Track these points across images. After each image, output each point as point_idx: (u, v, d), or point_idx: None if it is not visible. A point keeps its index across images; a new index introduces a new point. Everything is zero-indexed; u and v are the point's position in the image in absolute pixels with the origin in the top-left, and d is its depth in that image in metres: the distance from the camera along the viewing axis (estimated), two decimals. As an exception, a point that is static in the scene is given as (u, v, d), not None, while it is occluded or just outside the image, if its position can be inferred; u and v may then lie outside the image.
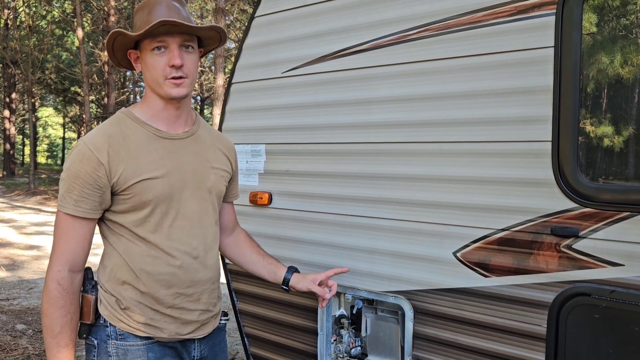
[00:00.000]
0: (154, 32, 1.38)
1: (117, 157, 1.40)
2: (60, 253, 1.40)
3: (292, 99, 2.24)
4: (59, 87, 23.30)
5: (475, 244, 1.77)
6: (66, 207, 1.39)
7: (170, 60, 1.40)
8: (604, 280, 1.55)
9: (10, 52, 18.81)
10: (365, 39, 2.02)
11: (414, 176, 1.91)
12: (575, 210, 1.59)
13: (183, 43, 1.42)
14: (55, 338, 1.38)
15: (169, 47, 1.41)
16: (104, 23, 18.29)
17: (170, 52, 1.40)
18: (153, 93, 1.47)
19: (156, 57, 1.41)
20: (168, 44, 1.40)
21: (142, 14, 1.43)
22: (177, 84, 1.42)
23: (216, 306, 1.61)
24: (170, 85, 1.42)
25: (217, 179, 1.58)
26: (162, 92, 1.43)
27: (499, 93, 1.73)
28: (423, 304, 1.90)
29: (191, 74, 1.45)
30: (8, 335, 4.00)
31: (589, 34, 1.66)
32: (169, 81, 1.41)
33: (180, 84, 1.42)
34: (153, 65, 1.42)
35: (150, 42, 1.41)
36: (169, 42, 1.40)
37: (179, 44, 1.41)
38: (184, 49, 1.43)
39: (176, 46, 1.41)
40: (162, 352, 1.48)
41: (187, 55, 1.43)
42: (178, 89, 1.43)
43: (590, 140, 1.67)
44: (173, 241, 1.46)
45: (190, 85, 1.46)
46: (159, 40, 1.39)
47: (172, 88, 1.42)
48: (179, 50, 1.41)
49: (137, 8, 1.47)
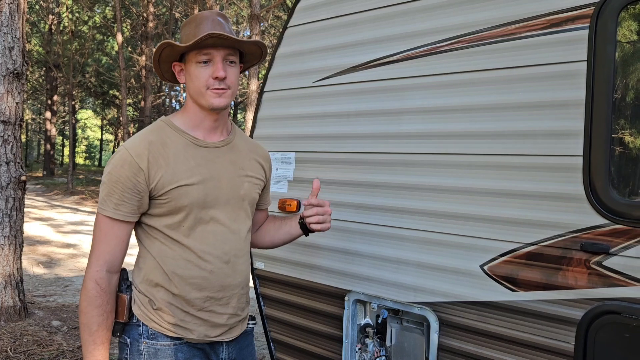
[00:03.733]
0: (201, 45, 1.44)
1: (156, 164, 1.45)
2: (99, 254, 1.46)
3: (322, 108, 2.28)
4: (98, 90, 24.03)
5: (503, 257, 1.76)
6: (106, 210, 1.45)
7: (214, 72, 1.46)
8: (635, 298, 1.52)
9: (53, 56, 19.50)
10: (397, 50, 2.04)
11: (443, 187, 1.91)
12: (606, 227, 1.57)
13: (227, 57, 1.48)
14: (92, 335, 1.44)
15: (213, 59, 1.47)
16: (142, 29, 18.81)
17: (214, 65, 1.47)
18: (194, 104, 1.53)
19: (201, 69, 1.47)
20: (213, 57, 1.47)
21: (189, 28, 1.50)
22: (219, 94, 1.48)
23: (244, 310, 1.65)
24: (212, 95, 1.48)
25: (251, 186, 1.63)
26: (204, 102, 1.49)
27: (531, 106, 1.72)
28: (449, 316, 1.89)
29: (233, 86, 1.51)
30: (44, 331, 4.14)
31: (622, 47, 1.64)
32: (211, 91, 1.47)
33: (222, 94, 1.48)
34: (197, 77, 1.48)
35: (195, 55, 1.47)
36: (214, 55, 1.46)
37: (222, 58, 1.47)
38: (227, 63, 1.49)
39: (220, 59, 1.47)
40: (191, 353, 1.52)
41: (229, 68, 1.49)
42: (220, 99, 1.48)
43: (622, 155, 1.64)
44: (206, 245, 1.51)
45: (231, 97, 1.52)
46: (205, 52, 1.46)
47: (214, 98, 1.48)
48: (223, 64, 1.47)
49: (185, 23, 1.54)
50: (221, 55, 1.47)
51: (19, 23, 4.24)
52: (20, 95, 4.28)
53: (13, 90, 4.21)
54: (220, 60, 1.46)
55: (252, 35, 11.29)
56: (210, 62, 1.47)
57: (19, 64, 4.23)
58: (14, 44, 4.19)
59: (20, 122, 4.31)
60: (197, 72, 1.47)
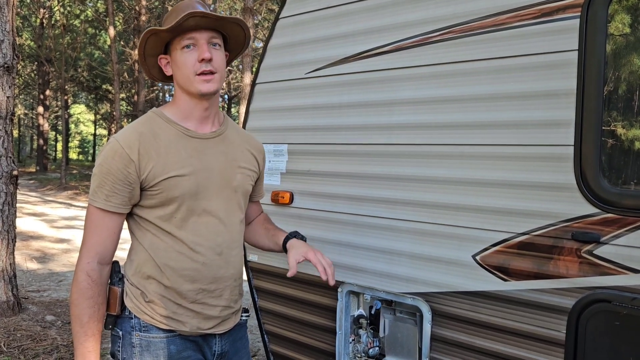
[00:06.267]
0: (184, 27, 1.44)
1: (147, 155, 1.45)
2: (90, 246, 1.45)
3: (315, 100, 2.27)
4: (90, 84, 23.86)
5: (494, 247, 1.77)
6: (97, 202, 1.44)
7: (200, 54, 1.46)
8: (626, 287, 1.53)
9: (45, 51, 19.35)
10: (389, 41, 2.04)
11: (435, 178, 1.91)
12: (597, 216, 1.58)
13: (210, 40, 1.49)
14: (83, 327, 1.44)
15: (197, 43, 1.47)
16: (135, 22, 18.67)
17: (199, 48, 1.47)
18: (183, 93, 1.53)
19: (186, 55, 1.47)
20: (197, 41, 1.47)
21: (170, 18, 1.50)
22: (207, 80, 1.47)
23: (237, 303, 1.65)
24: (200, 81, 1.47)
25: (244, 178, 1.62)
26: (193, 89, 1.49)
27: (522, 96, 1.73)
28: (441, 306, 1.90)
29: (220, 70, 1.51)
30: (38, 326, 4.13)
31: (613, 36, 1.64)
32: (199, 77, 1.47)
33: (210, 80, 1.48)
34: (184, 63, 1.47)
35: (179, 41, 1.47)
36: (198, 38, 1.46)
37: (207, 40, 1.48)
38: (212, 46, 1.49)
39: (204, 42, 1.47)
40: (184, 346, 1.52)
41: (215, 51, 1.49)
42: (208, 84, 1.48)
43: (613, 144, 1.65)
44: (198, 237, 1.50)
45: (219, 82, 1.51)
46: (188, 37, 1.46)
47: (202, 84, 1.48)
48: (208, 46, 1.47)
49: (166, 16, 1.54)
50: (205, 38, 1.47)
51: (9, 16, 4.20)
52: (10, 89, 4.25)
53: (4, 84, 4.18)
54: (204, 43, 1.47)
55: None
56: (194, 47, 1.47)
57: (9, 58, 4.19)
58: (4, 37, 4.15)
59: (12, 116, 4.28)
60: (183, 58, 1.47)
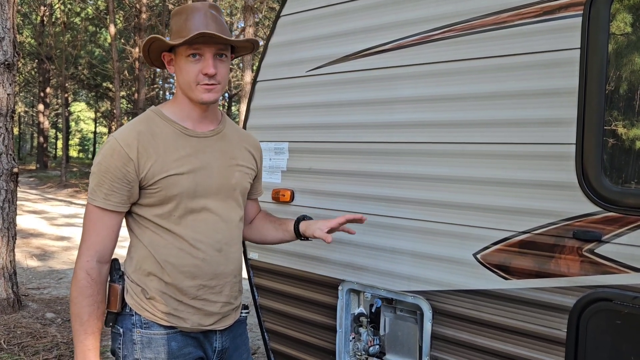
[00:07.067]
0: (191, 39, 1.42)
1: (145, 154, 1.44)
2: (89, 244, 1.45)
3: (315, 98, 2.27)
4: (91, 82, 23.84)
5: (495, 245, 1.77)
6: (96, 200, 1.44)
7: (204, 69, 1.44)
8: (627, 286, 1.53)
9: (46, 48, 19.33)
10: (389, 39, 2.03)
11: (436, 177, 1.91)
12: (598, 215, 1.57)
13: (217, 52, 1.47)
14: (82, 325, 1.44)
15: (204, 55, 1.45)
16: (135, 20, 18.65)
17: (204, 61, 1.45)
18: (184, 95, 1.52)
19: (191, 64, 1.46)
20: (203, 53, 1.45)
21: (179, 19, 1.48)
22: (208, 90, 1.47)
23: (237, 299, 1.65)
24: (202, 90, 1.47)
25: (242, 176, 1.62)
26: (194, 96, 1.48)
27: (524, 94, 1.72)
28: (442, 305, 1.90)
29: (223, 80, 1.50)
30: (38, 323, 4.13)
31: (615, 35, 1.63)
32: (201, 86, 1.46)
33: (212, 90, 1.47)
34: (187, 71, 1.46)
35: (186, 49, 1.45)
36: (205, 50, 1.45)
37: (213, 53, 1.46)
38: (217, 58, 1.47)
39: (211, 55, 1.45)
40: (185, 342, 1.52)
41: (220, 63, 1.48)
42: (209, 94, 1.48)
43: (615, 143, 1.64)
44: (198, 233, 1.50)
45: (220, 92, 1.51)
46: (195, 48, 1.44)
47: (203, 93, 1.47)
48: (214, 60, 1.45)
49: (175, 12, 1.51)
50: (211, 52, 1.45)
51: (10, 13, 4.20)
52: (11, 87, 4.25)
53: (4, 81, 4.18)
54: (210, 57, 1.45)
55: (246, 27, 11.22)
56: (200, 57, 1.45)
57: (10, 55, 4.19)
58: (5, 35, 4.15)
59: (12, 113, 4.28)
60: (187, 66, 1.46)
